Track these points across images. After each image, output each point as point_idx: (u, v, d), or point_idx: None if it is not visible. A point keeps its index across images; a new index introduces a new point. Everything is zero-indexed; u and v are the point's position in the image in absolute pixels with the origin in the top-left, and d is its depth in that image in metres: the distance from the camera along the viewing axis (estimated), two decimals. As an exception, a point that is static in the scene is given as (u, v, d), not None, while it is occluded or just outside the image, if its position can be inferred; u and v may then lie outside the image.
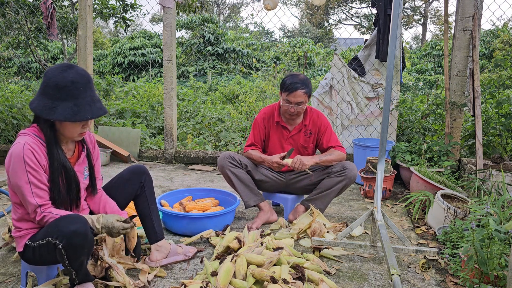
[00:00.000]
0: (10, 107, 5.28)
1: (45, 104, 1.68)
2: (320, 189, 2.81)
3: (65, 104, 1.67)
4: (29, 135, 1.73)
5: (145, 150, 5.11)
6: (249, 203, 2.81)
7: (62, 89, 1.67)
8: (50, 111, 1.67)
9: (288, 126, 2.89)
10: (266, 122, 2.93)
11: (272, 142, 2.93)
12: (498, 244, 1.81)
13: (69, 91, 1.67)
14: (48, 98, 1.68)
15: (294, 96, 2.70)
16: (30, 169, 1.66)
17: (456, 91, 3.92)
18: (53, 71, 1.70)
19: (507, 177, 3.13)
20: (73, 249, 1.63)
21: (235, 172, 2.81)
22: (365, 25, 31.45)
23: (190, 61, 18.37)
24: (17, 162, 1.66)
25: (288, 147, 2.90)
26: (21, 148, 1.66)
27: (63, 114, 1.67)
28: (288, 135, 2.89)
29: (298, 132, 2.88)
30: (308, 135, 2.88)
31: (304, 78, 2.75)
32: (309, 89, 2.73)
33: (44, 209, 1.70)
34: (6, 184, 3.82)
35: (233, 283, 1.84)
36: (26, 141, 1.69)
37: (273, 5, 4.77)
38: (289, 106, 2.74)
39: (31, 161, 1.67)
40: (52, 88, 1.67)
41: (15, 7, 6.96)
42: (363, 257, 2.34)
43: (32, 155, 1.67)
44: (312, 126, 2.88)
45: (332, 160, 2.80)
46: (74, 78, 1.68)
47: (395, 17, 2.11)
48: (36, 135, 1.74)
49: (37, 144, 1.71)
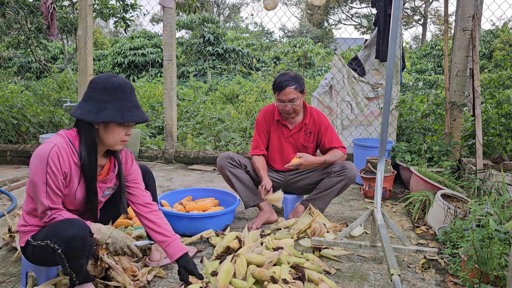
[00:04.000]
0: (10, 107, 5.28)
1: (92, 107, 1.68)
2: (320, 189, 2.81)
3: (113, 105, 1.68)
4: (63, 137, 1.72)
5: (145, 150, 5.11)
6: (249, 203, 2.81)
7: (110, 91, 1.69)
8: (98, 113, 1.67)
9: (288, 125, 2.89)
10: (267, 120, 2.93)
11: (272, 141, 2.93)
12: (498, 244, 1.81)
13: (117, 94, 1.69)
14: (94, 102, 1.69)
15: (285, 94, 2.70)
16: (50, 172, 1.65)
17: (456, 91, 3.92)
18: (100, 77, 1.73)
19: (507, 177, 3.13)
20: (73, 253, 1.63)
21: (234, 173, 2.81)
22: (365, 25, 31.45)
23: (190, 61, 18.37)
24: (41, 161, 1.65)
25: (287, 146, 2.90)
26: (50, 148, 1.66)
27: (110, 115, 1.67)
28: (288, 134, 2.89)
29: (298, 130, 2.88)
30: (308, 134, 2.88)
31: (294, 75, 2.75)
32: (299, 85, 2.72)
33: (54, 212, 1.69)
34: (6, 184, 3.82)
35: (233, 283, 1.84)
36: (57, 144, 1.68)
37: (273, 5, 4.77)
38: (283, 105, 2.74)
39: (53, 165, 1.65)
40: (100, 91, 1.69)
41: (15, 7, 6.96)
42: (363, 257, 2.34)
43: (57, 159, 1.66)
44: (312, 125, 2.88)
45: (336, 162, 2.82)
46: (121, 83, 1.72)
47: (395, 17, 2.11)
48: (71, 140, 1.73)
49: (66, 150, 1.70)
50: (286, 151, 2.90)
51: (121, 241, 1.76)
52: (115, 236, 1.76)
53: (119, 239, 1.76)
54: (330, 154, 2.83)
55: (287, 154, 2.90)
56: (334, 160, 2.80)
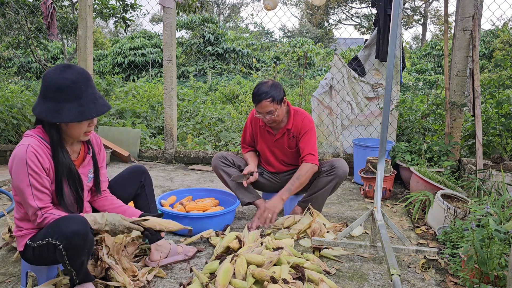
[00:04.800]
0: (10, 107, 5.28)
1: (49, 107, 1.66)
2: (312, 190, 2.83)
3: (69, 105, 1.66)
4: (33, 137, 1.72)
5: (145, 150, 5.11)
6: (244, 200, 2.82)
7: (64, 90, 1.65)
8: (56, 114, 1.65)
9: (272, 131, 2.88)
10: (253, 125, 2.96)
11: (261, 145, 2.96)
12: (498, 244, 1.81)
13: (71, 92, 1.66)
14: (51, 101, 1.66)
15: (261, 107, 2.64)
16: (32, 172, 1.65)
17: (456, 91, 3.92)
18: (52, 73, 1.68)
19: (507, 177, 3.13)
20: (74, 249, 1.63)
21: (228, 172, 2.85)
22: (365, 25, 31.46)
23: (190, 61, 18.38)
24: (20, 164, 1.64)
25: (275, 150, 2.91)
26: (24, 150, 1.65)
27: (69, 116, 1.66)
28: (273, 139, 2.89)
29: (282, 136, 2.86)
30: (292, 139, 2.86)
31: (270, 85, 2.65)
32: (277, 95, 2.62)
33: (45, 211, 1.70)
34: (6, 184, 3.82)
35: (233, 283, 1.83)
36: (30, 143, 1.67)
37: (273, 5, 4.77)
38: (261, 116, 2.71)
39: (33, 164, 1.65)
40: (54, 90, 1.66)
41: (15, 7, 6.96)
42: (363, 257, 2.34)
43: (35, 158, 1.66)
44: (294, 130, 2.83)
45: (303, 182, 2.73)
46: (74, 78, 1.67)
47: (395, 17, 2.11)
48: (41, 136, 1.73)
49: (41, 147, 1.70)
50: (276, 154, 2.94)
51: (119, 225, 1.78)
52: (112, 222, 1.78)
53: (116, 224, 1.78)
54: (294, 179, 2.72)
55: (278, 156, 2.93)
56: (299, 182, 2.70)
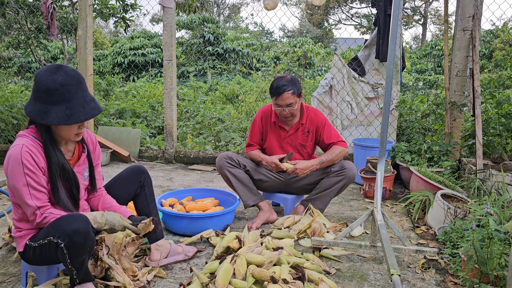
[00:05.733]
0: (10, 107, 5.28)
1: (39, 108, 1.66)
2: (319, 189, 2.81)
3: (57, 108, 1.65)
4: (27, 136, 1.72)
5: (145, 150, 5.11)
6: (248, 203, 2.81)
7: (53, 92, 1.65)
8: (44, 115, 1.65)
9: (285, 126, 2.89)
10: (263, 122, 2.94)
11: (270, 142, 2.93)
12: (498, 244, 1.81)
13: (60, 94, 1.65)
14: (40, 103, 1.66)
15: (282, 99, 2.68)
16: (28, 172, 1.66)
17: (456, 91, 3.92)
18: (42, 74, 1.67)
19: (507, 177, 3.13)
20: (75, 248, 1.63)
21: (233, 172, 2.81)
22: (365, 25, 31.45)
23: (190, 61, 18.37)
24: (15, 164, 1.65)
25: (286, 146, 2.90)
26: (19, 150, 1.65)
27: (56, 118, 1.65)
28: (286, 135, 2.89)
29: (295, 131, 2.88)
30: (306, 134, 2.87)
31: (291, 79, 2.72)
32: (297, 88, 2.71)
33: (44, 211, 1.70)
34: (6, 184, 3.82)
35: (233, 283, 1.83)
36: (24, 143, 1.68)
37: (273, 5, 4.77)
38: (280, 109, 2.73)
39: (29, 163, 1.66)
40: (43, 92, 1.65)
41: (15, 7, 6.96)
42: (363, 257, 2.34)
43: (30, 157, 1.67)
44: (309, 125, 2.87)
45: (334, 160, 2.79)
46: (64, 81, 1.66)
47: (395, 17, 2.11)
48: (35, 136, 1.73)
49: (35, 146, 1.70)
50: (287, 150, 2.91)
51: (118, 225, 1.81)
52: (111, 221, 1.79)
53: (115, 223, 1.80)
54: (327, 153, 2.81)
55: (288, 152, 2.90)
56: (331, 158, 2.77)
